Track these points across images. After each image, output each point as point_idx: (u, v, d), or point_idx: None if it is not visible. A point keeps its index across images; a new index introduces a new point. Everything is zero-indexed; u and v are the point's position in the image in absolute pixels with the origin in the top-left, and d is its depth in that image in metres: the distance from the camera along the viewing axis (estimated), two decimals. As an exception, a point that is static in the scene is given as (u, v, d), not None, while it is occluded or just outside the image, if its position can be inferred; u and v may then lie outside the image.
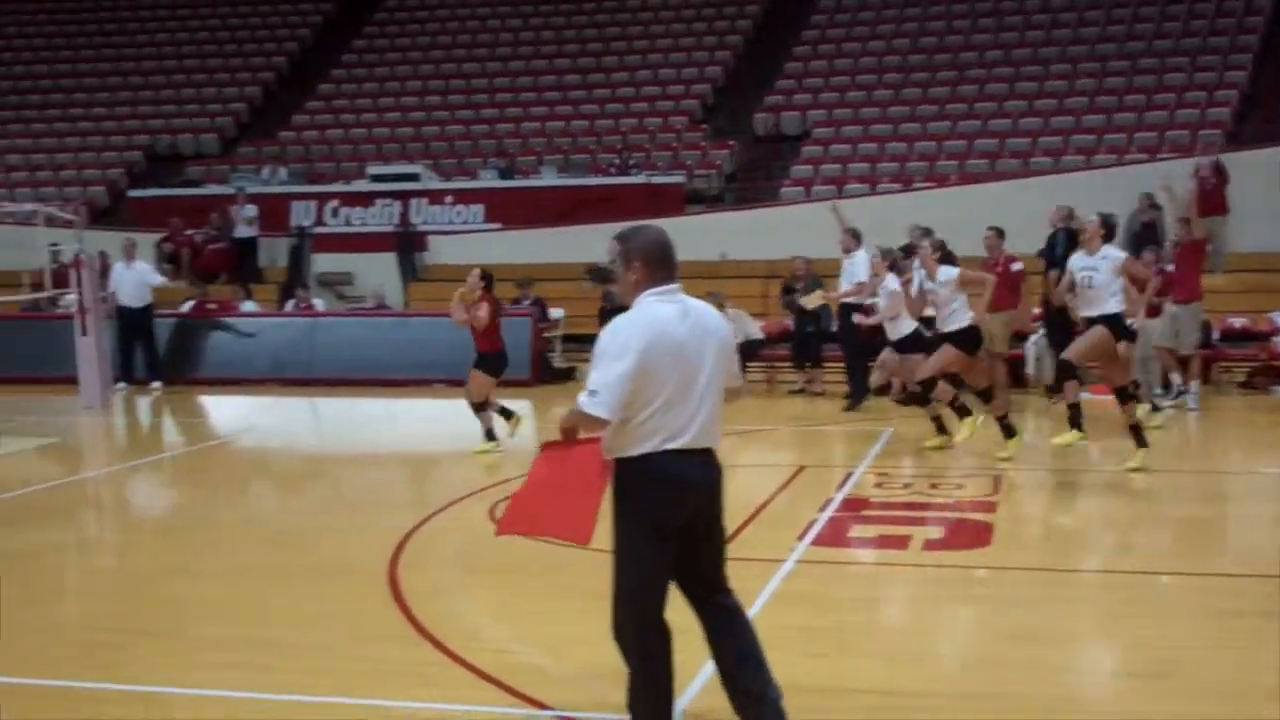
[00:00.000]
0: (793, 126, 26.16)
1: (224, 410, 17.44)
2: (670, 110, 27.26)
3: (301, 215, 24.76)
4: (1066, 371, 11.08)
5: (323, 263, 23.63)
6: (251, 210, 23.44)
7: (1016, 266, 14.88)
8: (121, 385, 17.82)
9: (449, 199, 24.72)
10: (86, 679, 6.22)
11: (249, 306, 20.91)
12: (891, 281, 12.52)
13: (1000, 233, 14.65)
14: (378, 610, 7.32)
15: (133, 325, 18.21)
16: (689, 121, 26.93)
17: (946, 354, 11.72)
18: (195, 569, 8.58)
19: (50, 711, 5.89)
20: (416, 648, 6.63)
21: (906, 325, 12.49)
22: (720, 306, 8.38)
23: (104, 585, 8.46)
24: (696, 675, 5.66)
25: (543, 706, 5.71)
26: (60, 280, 17.97)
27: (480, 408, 12.47)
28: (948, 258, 11.82)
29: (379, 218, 24.66)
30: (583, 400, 4.78)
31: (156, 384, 18.13)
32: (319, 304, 21.05)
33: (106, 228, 23.10)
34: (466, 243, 23.48)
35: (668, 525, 4.85)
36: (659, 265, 4.92)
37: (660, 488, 4.83)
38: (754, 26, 29.24)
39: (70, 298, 16.93)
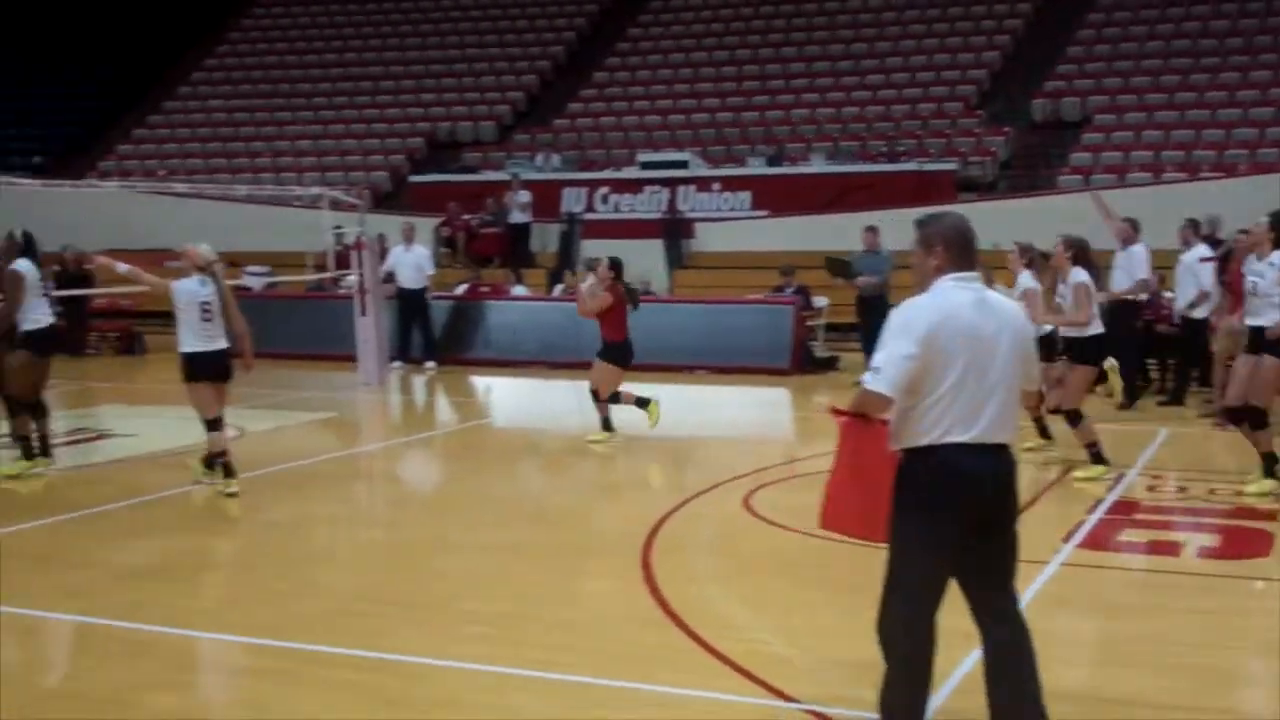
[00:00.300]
0: (1072, 112, 25.30)
1: (493, 390, 17.86)
2: (945, 96, 26.70)
3: (572, 202, 25.20)
4: (1259, 420, 9.68)
5: (592, 249, 23.93)
6: (525, 196, 23.96)
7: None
8: (398, 364, 18.43)
9: (716, 186, 24.76)
10: (344, 645, 6.42)
11: (519, 290, 21.37)
12: (1026, 279, 11.46)
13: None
14: (630, 593, 7.36)
15: (410, 306, 18.81)
16: (964, 108, 26.31)
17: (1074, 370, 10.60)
18: (458, 544, 8.80)
19: (306, 673, 6.11)
20: (666, 632, 6.62)
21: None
22: None
23: (371, 556, 8.74)
24: (951, 674, 5.49)
25: (790, 699, 5.63)
26: (342, 262, 18.69)
27: (603, 397, 12.40)
28: (1082, 259, 10.62)
29: (647, 205, 24.89)
30: (866, 377, 4.69)
31: (431, 364, 18.67)
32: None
33: (388, 212, 23.95)
34: (732, 230, 23.50)
35: (948, 522, 4.64)
36: (960, 252, 4.78)
37: (941, 482, 4.64)
38: (1033, 9, 28.40)
39: (351, 279, 17.59)
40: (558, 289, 21.31)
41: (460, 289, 21.13)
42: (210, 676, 6.16)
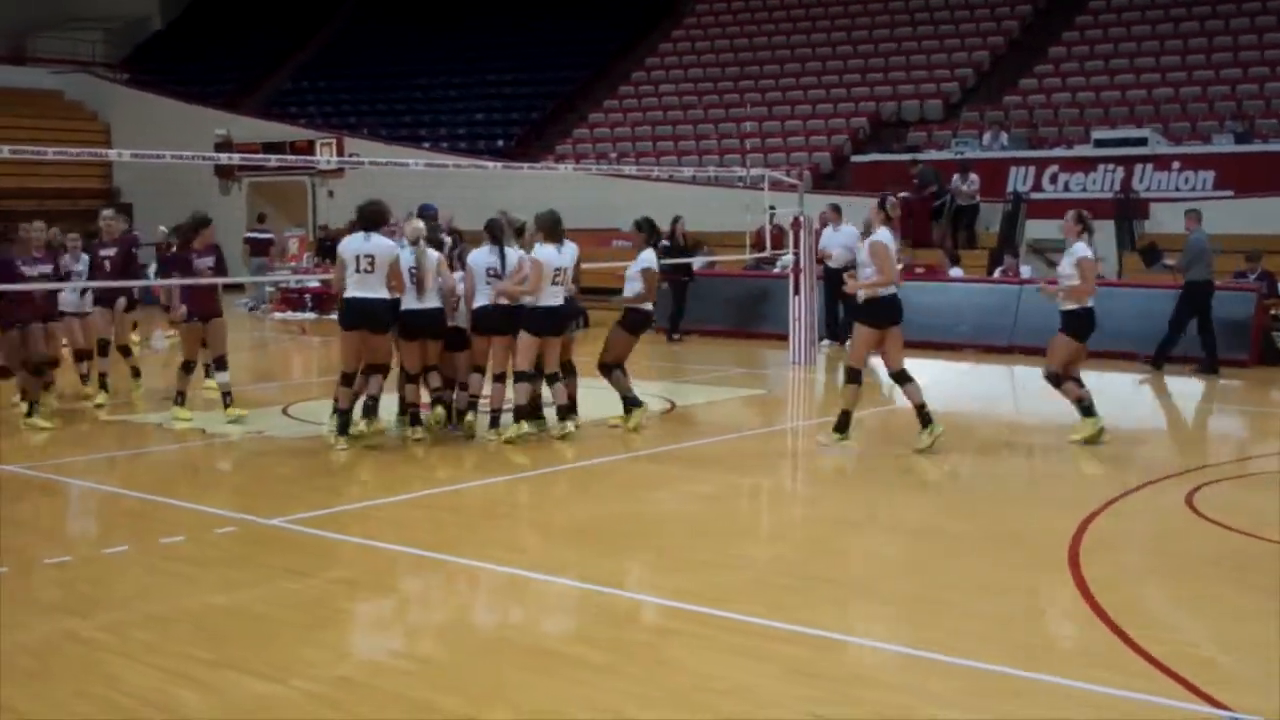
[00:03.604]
0: None
1: (921, 373, 17.60)
2: None
3: (1019, 181, 24.48)
4: None
5: (1036, 229, 23.23)
6: (974, 182, 23.51)
7: None
8: (826, 343, 18.49)
9: (1176, 165, 23.45)
10: (758, 615, 6.50)
11: (956, 273, 20.98)
12: (1081, 248, 11.17)
13: None
14: (1054, 586, 7.12)
15: (838, 286, 18.80)
16: None
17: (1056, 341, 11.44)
18: (878, 525, 8.75)
19: (720, 638, 6.21)
20: (1090, 628, 6.36)
21: None
22: None
23: (790, 531, 8.82)
24: None
25: (1220, 707, 5.28)
26: (776, 241, 18.88)
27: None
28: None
29: (1099, 184, 23.86)
30: None
31: (827, 343, 18.69)
32: (1026, 271, 20.73)
33: (827, 192, 24.01)
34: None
35: None
36: None
37: None
38: None
39: (787, 258, 17.75)
40: (998, 271, 20.78)
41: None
42: (626, 633, 6.37)
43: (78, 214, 16.73)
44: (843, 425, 11.17)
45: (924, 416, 10.95)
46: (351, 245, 10.94)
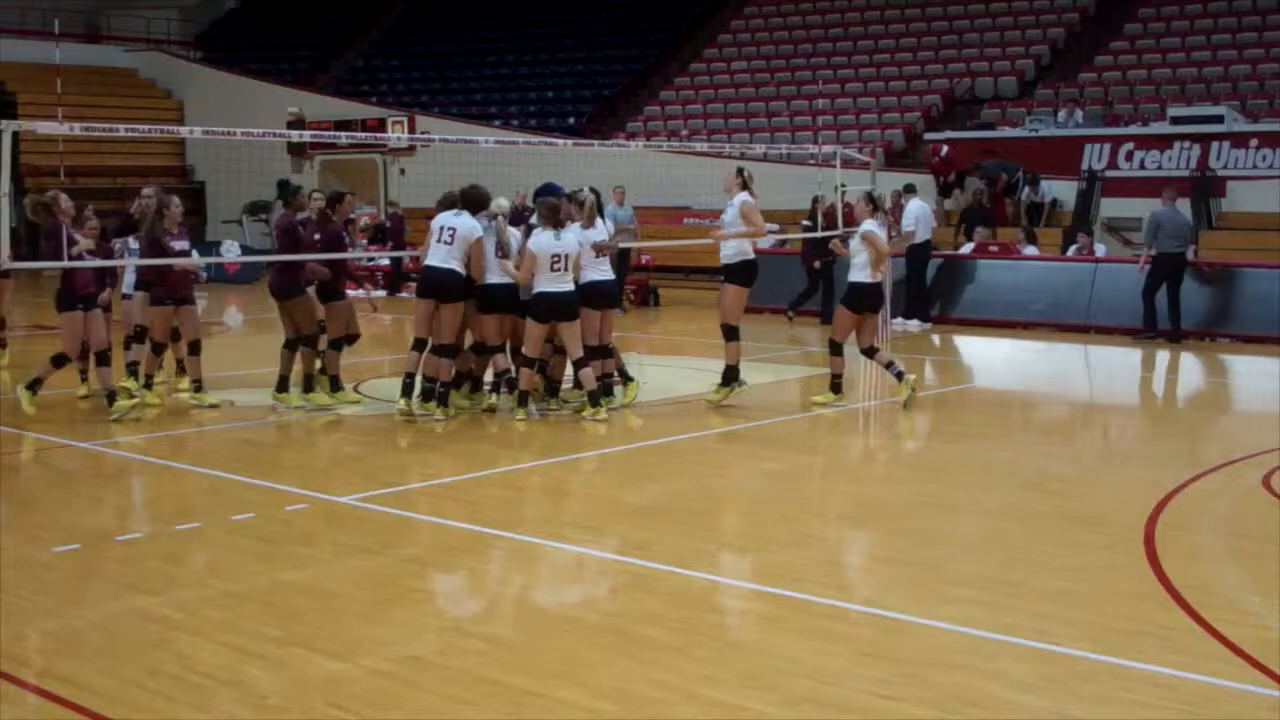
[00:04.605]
0: None
1: (993, 352, 17.46)
2: None
3: (1094, 159, 24.13)
4: None
5: (1110, 207, 22.91)
6: (1045, 192, 23.31)
7: None
8: (915, 323, 18.46)
9: (1253, 142, 22.98)
10: (830, 596, 6.48)
11: (1030, 251, 20.75)
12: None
13: None
14: (1130, 567, 7.03)
15: (914, 261, 18.74)
16: None
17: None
18: (949, 505, 8.66)
19: (791, 618, 6.18)
20: (1166, 611, 6.27)
21: None
22: None
23: (862, 512, 8.75)
24: None
25: (1307, 694, 5.18)
26: (849, 220, 18.71)
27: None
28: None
29: (1175, 161, 23.44)
30: None
31: (914, 323, 18.56)
32: (1101, 250, 20.45)
33: (899, 170, 23.80)
34: (1269, 189, 21.79)
35: None
36: None
37: None
38: None
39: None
40: (1072, 249, 20.52)
41: (967, 247, 20.78)
42: (695, 613, 6.35)
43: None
44: (836, 388, 12.18)
45: (836, 386, 12.15)
46: (439, 219, 11.26)
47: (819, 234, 17.90)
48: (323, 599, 6.56)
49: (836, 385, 12.14)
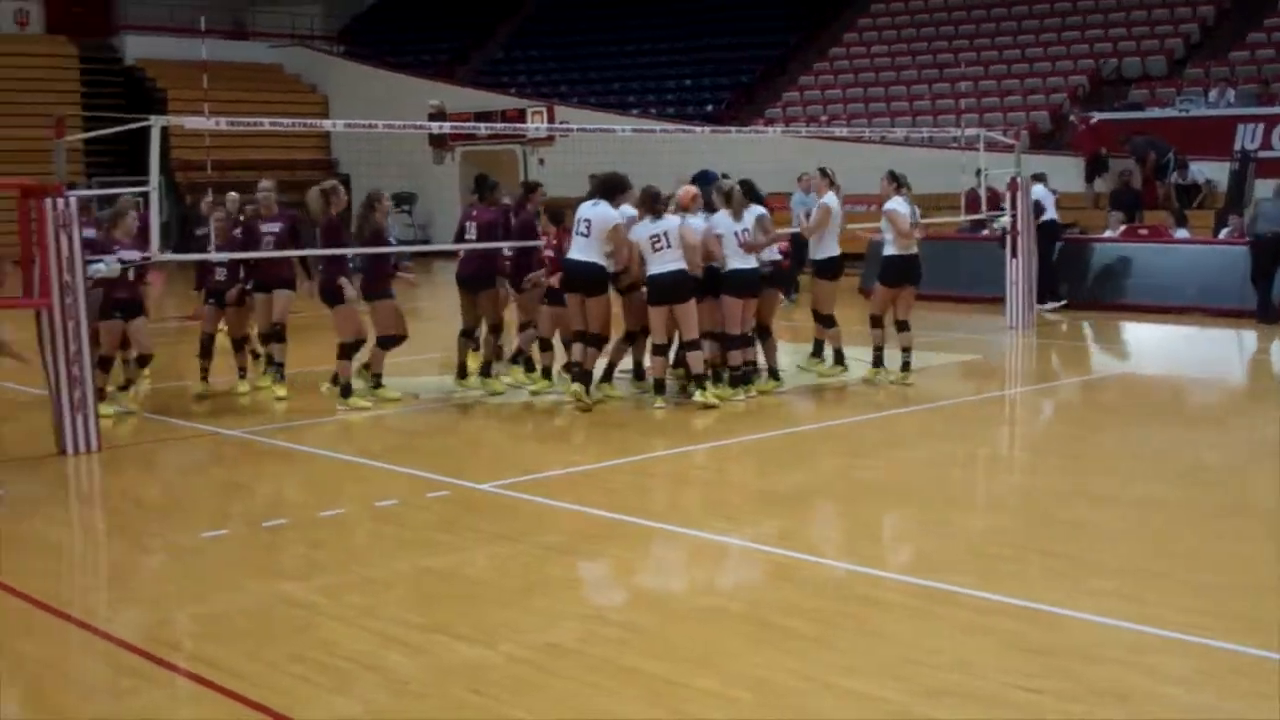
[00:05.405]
0: None
1: (1144, 337, 17.01)
2: None
3: (1247, 139, 23.39)
4: None
5: (1265, 189, 22.17)
6: (1193, 175, 22.67)
7: None
8: (1051, 305, 18.13)
9: None
10: (973, 587, 6.35)
11: (1181, 233, 20.19)
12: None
13: None
14: (1282, 559, 6.80)
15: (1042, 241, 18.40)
16: None
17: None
18: (1098, 495, 8.45)
19: (933, 610, 6.09)
20: (1323, 605, 6.05)
21: None
22: None
23: (1007, 501, 8.60)
24: None
25: None
26: (991, 203, 18.41)
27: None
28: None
29: (1332, 141, 22.65)
30: None
31: (1048, 305, 18.23)
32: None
33: (1045, 152, 23.30)
34: None
35: None
36: None
37: None
38: None
39: (1004, 220, 17.29)
40: (1224, 231, 19.91)
41: (1112, 231, 20.31)
42: (834, 603, 6.28)
43: (296, 184, 17.17)
44: (877, 361, 12.45)
45: (877, 360, 12.40)
46: (578, 211, 11.26)
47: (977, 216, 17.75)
48: (463, 585, 6.62)
49: (878, 359, 12.44)
